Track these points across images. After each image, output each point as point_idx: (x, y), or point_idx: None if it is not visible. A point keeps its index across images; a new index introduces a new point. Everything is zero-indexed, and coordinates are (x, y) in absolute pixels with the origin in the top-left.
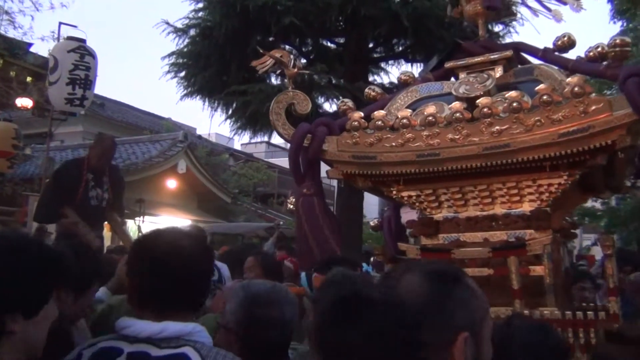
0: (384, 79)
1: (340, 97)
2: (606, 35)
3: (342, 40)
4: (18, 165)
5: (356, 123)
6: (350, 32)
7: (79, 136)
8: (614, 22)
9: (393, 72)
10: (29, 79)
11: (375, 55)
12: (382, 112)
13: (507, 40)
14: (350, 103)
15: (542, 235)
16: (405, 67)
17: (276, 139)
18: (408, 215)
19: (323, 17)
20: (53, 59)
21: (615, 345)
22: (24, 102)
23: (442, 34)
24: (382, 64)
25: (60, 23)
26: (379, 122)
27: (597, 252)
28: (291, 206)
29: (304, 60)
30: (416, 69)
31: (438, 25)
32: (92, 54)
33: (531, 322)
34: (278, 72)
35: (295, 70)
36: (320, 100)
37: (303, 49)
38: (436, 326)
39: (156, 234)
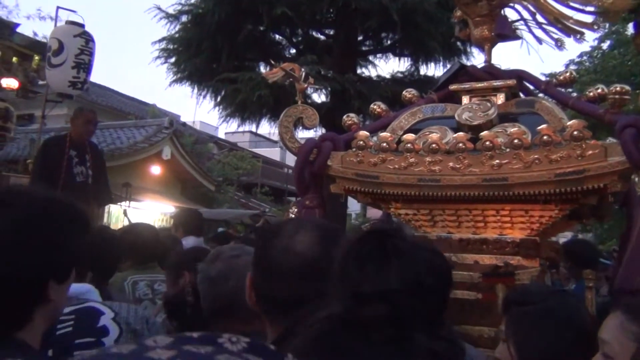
0: (371, 72)
1: (330, 88)
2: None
3: (331, 32)
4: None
5: (362, 142)
6: (340, 24)
7: (62, 119)
8: None
9: (381, 65)
10: (14, 59)
11: (363, 48)
12: (387, 135)
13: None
14: (355, 118)
15: (530, 264)
16: (393, 61)
17: (262, 129)
18: None
19: (314, 8)
20: (57, 41)
21: None
22: (10, 82)
23: (429, 29)
24: (370, 57)
25: (58, 7)
26: (384, 144)
27: None
28: (293, 217)
29: (293, 51)
30: (404, 63)
31: (426, 20)
32: (92, 40)
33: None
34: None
35: (306, 85)
36: (309, 90)
37: (293, 40)
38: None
39: None
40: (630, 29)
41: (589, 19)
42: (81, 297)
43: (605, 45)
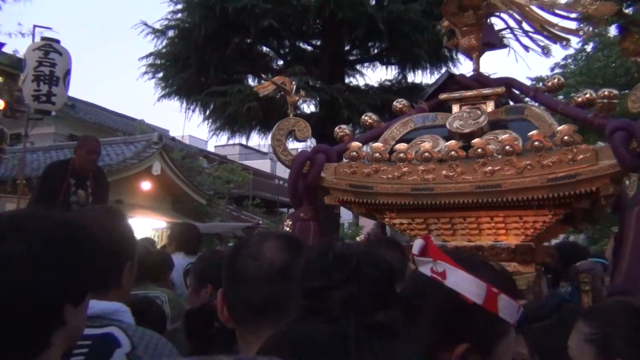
0: (359, 81)
1: (318, 98)
2: None
3: (319, 43)
4: None
5: (354, 153)
6: (327, 34)
7: (50, 138)
8: None
9: (368, 74)
10: (0, 79)
11: (351, 58)
12: (380, 145)
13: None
14: (347, 129)
15: (526, 269)
16: (381, 69)
17: (251, 141)
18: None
19: (301, 19)
20: (24, 59)
21: None
22: None
23: (416, 37)
24: (358, 66)
25: (35, 25)
26: (377, 154)
27: None
28: (288, 229)
29: (280, 62)
30: (391, 72)
31: (412, 28)
32: (59, 52)
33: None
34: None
35: (297, 97)
36: (299, 101)
37: (280, 51)
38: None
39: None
40: (613, 30)
41: (573, 25)
42: (109, 317)
43: (589, 48)
